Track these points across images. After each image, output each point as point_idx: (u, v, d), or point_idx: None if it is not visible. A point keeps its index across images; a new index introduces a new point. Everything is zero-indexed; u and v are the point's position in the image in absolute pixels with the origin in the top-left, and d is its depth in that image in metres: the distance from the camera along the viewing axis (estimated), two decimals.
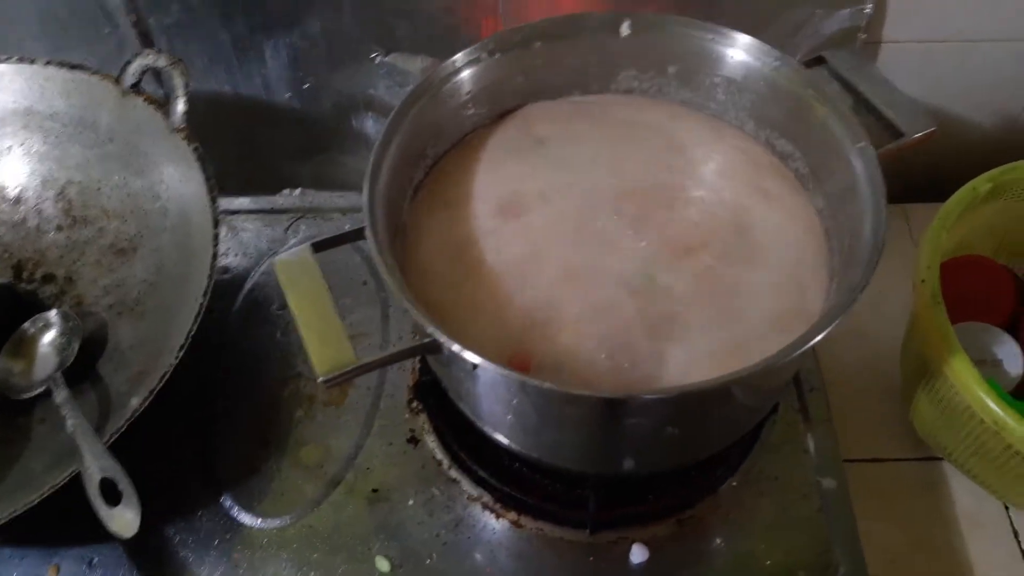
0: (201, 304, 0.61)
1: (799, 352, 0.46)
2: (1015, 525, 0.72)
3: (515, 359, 0.54)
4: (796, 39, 0.82)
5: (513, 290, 0.56)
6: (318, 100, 0.89)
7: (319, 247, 0.53)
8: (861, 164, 0.55)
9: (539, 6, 0.81)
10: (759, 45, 0.60)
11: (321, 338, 0.49)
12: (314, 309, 0.50)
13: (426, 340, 0.49)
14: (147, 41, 0.84)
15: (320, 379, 0.48)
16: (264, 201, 0.86)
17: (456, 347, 0.47)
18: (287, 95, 0.89)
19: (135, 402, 0.58)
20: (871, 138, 0.57)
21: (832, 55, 0.62)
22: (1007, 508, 0.73)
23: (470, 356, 0.47)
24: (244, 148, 0.94)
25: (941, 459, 0.75)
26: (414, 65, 0.86)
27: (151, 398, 0.58)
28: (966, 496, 0.74)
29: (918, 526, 0.72)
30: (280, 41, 0.84)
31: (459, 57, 0.61)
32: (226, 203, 0.86)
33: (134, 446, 0.60)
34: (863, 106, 0.60)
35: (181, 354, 0.60)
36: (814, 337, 0.46)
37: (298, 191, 0.94)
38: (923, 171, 0.90)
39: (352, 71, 0.87)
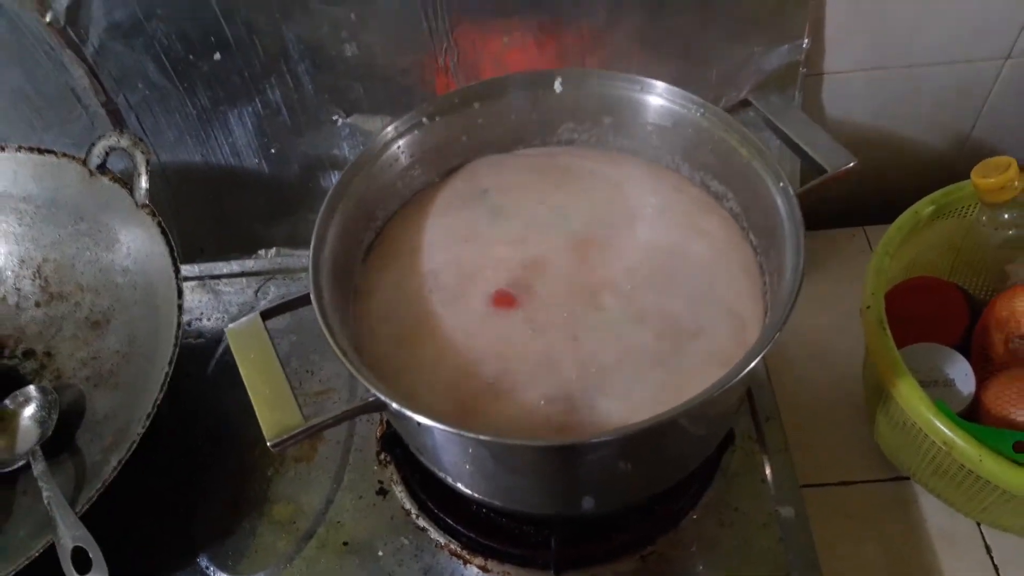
0: (167, 373, 0.64)
1: (718, 391, 0.48)
2: (987, 541, 0.73)
3: (465, 417, 0.56)
4: (739, 77, 0.85)
5: (458, 346, 0.58)
6: (286, 163, 0.93)
7: (267, 315, 0.56)
8: (783, 202, 0.57)
9: (490, 64, 0.84)
10: (681, 93, 0.63)
11: (269, 404, 0.51)
12: (262, 376, 0.53)
13: (370, 399, 0.51)
14: (117, 119, 0.87)
15: (268, 443, 0.50)
16: (238, 264, 0.89)
17: (395, 405, 0.49)
18: (256, 160, 0.92)
19: (106, 472, 0.60)
20: (798, 175, 0.59)
21: (757, 98, 0.64)
22: (979, 524, 0.73)
23: (409, 413, 0.49)
24: (219, 213, 0.98)
25: (909, 478, 0.76)
26: (374, 124, 0.89)
27: (120, 467, 0.61)
28: (937, 514, 0.74)
29: (892, 546, 0.73)
30: (244, 110, 0.88)
31: (396, 125, 0.64)
32: (205, 268, 0.89)
33: (112, 512, 0.62)
34: (788, 145, 0.62)
35: (148, 423, 0.62)
36: (731, 380, 0.48)
37: (272, 251, 0.98)
38: (882, 194, 0.92)
39: (316, 134, 0.90)
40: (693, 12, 0.79)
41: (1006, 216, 0.74)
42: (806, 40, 0.82)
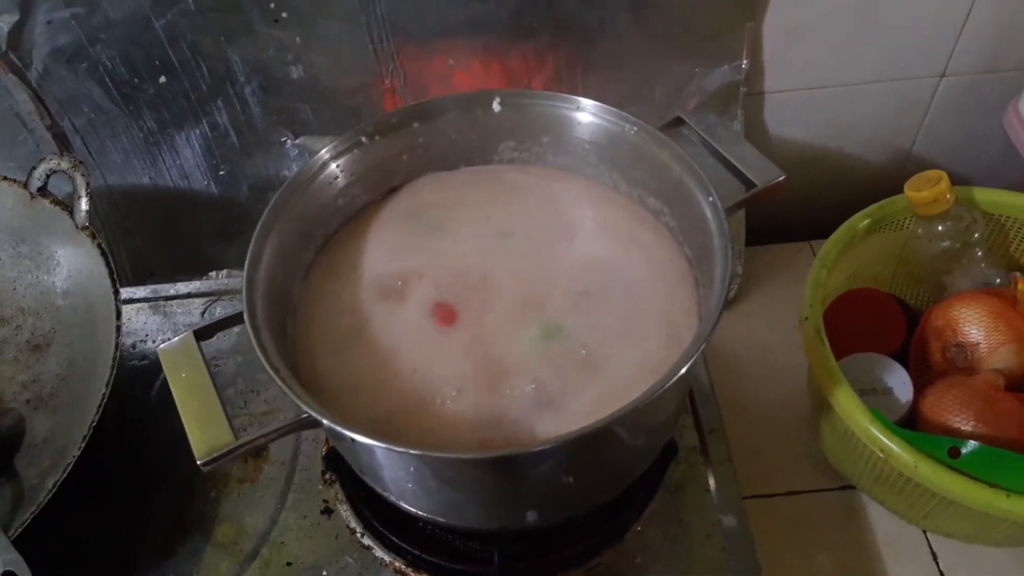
0: (104, 395, 0.63)
1: (649, 399, 0.48)
2: (933, 547, 0.74)
3: (398, 429, 0.56)
4: (683, 96, 0.87)
5: (396, 362, 0.59)
6: (235, 185, 0.93)
7: (201, 334, 0.55)
8: (712, 216, 0.58)
9: (436, 85, 0.85)
10: (614, 112, 0.64)
11: (200, 422, 0.51)
12: (194, 395, 0.52)
13: (303, 416, 0.51)
14: (63, 142, 0.87)
15: (198, 462, 0.50)
16: (185, 285, 0.89)
17: (327, 422, 0.49)
18: (205, 182, 0.93)
19: (41, 495, 0.60)
20: (728, 190, 0.61)
21: (690, 116, 0.66)
22: (924, 531, 0.74)
23: (341, 429, 0.49)
24: (169, 235, 0.97)
25: (855, 487, 0.77)
26: (323, 145, 0.89)
27: (55, 490, 0.60)
28: (883, 521, 0.76)
29: (839, 555, 0.74)
30: (191, 133, 0.88)
31: (334, 144, 0.64)
32: (153, 289, 0.88)
33: (52, 535, 0.62)
34: (719, 161, 0.64)
35: (84, 445, 0.61)
36: (661, 387, 0.49)
37: (224, 272, 0.97)
38: (828, 209, 0.94)
39: (264, 155, 0.90)
40: (632, 33, 0.81)
41: (940, 228, 0.76)
42: (745, 61, 0.84)
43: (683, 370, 0.49)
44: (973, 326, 0.73)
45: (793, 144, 0.96)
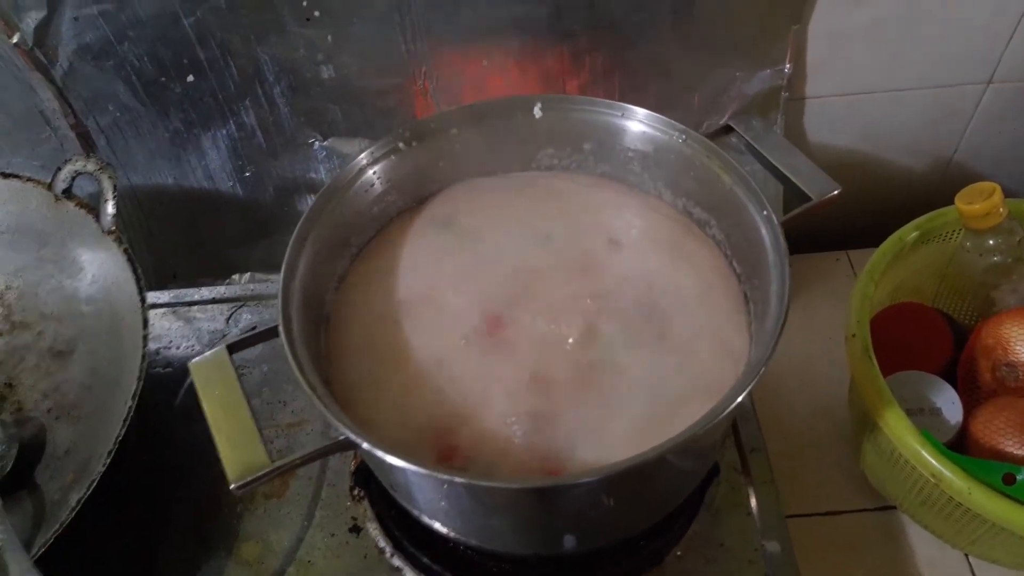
0: (130, 407, 0.61)
1: (704, 428, 0.46)
2: (975, 572, 0.71)
3: (441, 451, 0.54)
4: (722, 101, 0.84)
5: (433, 380, 0.57)
6: (261, 186, 0.91)
7: (234, 348, 0.53)
8: (767, 231, 0.56)
9: (469, 88, 0.83)
10: (662, 119, 0.61)
11: (233, 443, 0.49)
12: (227, 413, 0.50)
13: (340, 438, 0.49)
14: (87, 141, 0.85)
15: (232, 486, 0.48)
16: (209, 291, 0.87)
17: (366, 445, 0.47)
18: (230, 184, 0.91)
19: (64, 512, 0.58)
20: (780, 200, 0.58)
21: (738, 123, 0.63)
22: (967, 555, 0.72)
23: (381, 455, 0.47)
24: (192, 237, 0.95)
25: (896, 507, 0.74)
26: (352, 147, 0.88)
27: (79, 507, 0.58)
28: (925, 544, 0.73)
29: None
30: (218, 133, 0.86)
31: (372, 150, 0.62)
32: (176, 294, 0.87)
33: (73, 551, 0.60)
34: (770, 171, 0.61)
35: (109, 460, 0.59)
36: (718, 415, 0.46)
37: (247, 276, 0.96)
38: (864, 217, 0.92)
39: (291, 157, 0.88)
40: (674, 37, 0.78)
41: (991, 242, 0.73)
42: (788, 65, 0.81)
43: (741, 396, 0.46)
44: None
45: (832, 150, 0.94)
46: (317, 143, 0.87)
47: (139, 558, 0.68)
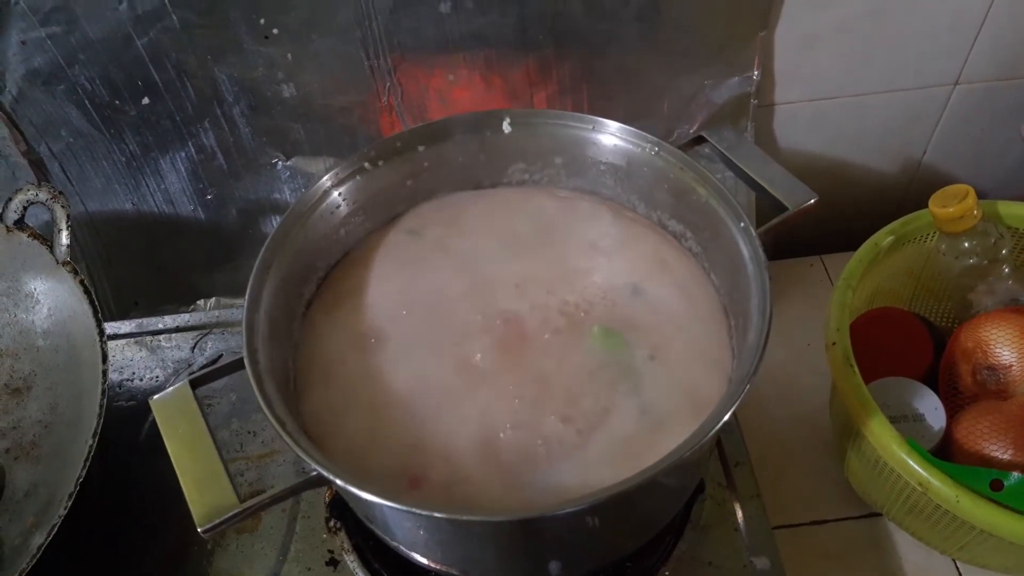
0: (91, 446, 0.58)
1: (691, 450, 0.44)
2: None
3: (414, 479, 0.52)
4: (691, 109, 0.84)
5: (406, 405, 0.55)
6: (223, 209, 0.88)
7: (197, 383, 0.51)
8: (745, 243, 0.54)
9: (435, 102, 0.81)
10: (634, 132, 0.60)
11: (199, 484, 0.47)
12: (192, 452, 0.48)
13: (312, 474, 0.47)
14: (39, 168, 0.82)
15: (199, 530, 0.45)
16: (173, 319, 0.84)
17: (340, 482, 0.45)
18: (191, 207, 0.88)
19: (25, 559, 0.55)
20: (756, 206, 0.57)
21: (711, 134, 0.62)
22: (955, 560, 0.71)
23: (356, 491, 0.45)
24: (153, 264, 0.93)
25: (882, 514, 0.74)
26: (317, 166, 0.86)
27: (40, 553, 0.55)
28: (913, 550, 0.72)
29: None
30: (176, 156, 0.83)
31: (336, 171, 0.60)
32: (139, 323, 0.84)
33: None
34: (745, 181, 0.60)
35: (70, 503, 0.57)
36: (705, 434, 0.45)
37: (212, 301, 0.93)
38: (836, 222, 0.92)
39: (254, 178, 0.86)
40: (641, 45, 0.78)
41: (965, 245, 0.73)
42: (756, 72, 0.81)
43: (728, 415, 0.45)
44: (1005, 347, 0.69)
45: (802, 155, 0.93)
46: (280, 163, 0.84)
47: None
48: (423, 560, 0.58)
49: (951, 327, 0.76)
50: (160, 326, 0.82)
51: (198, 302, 0.93)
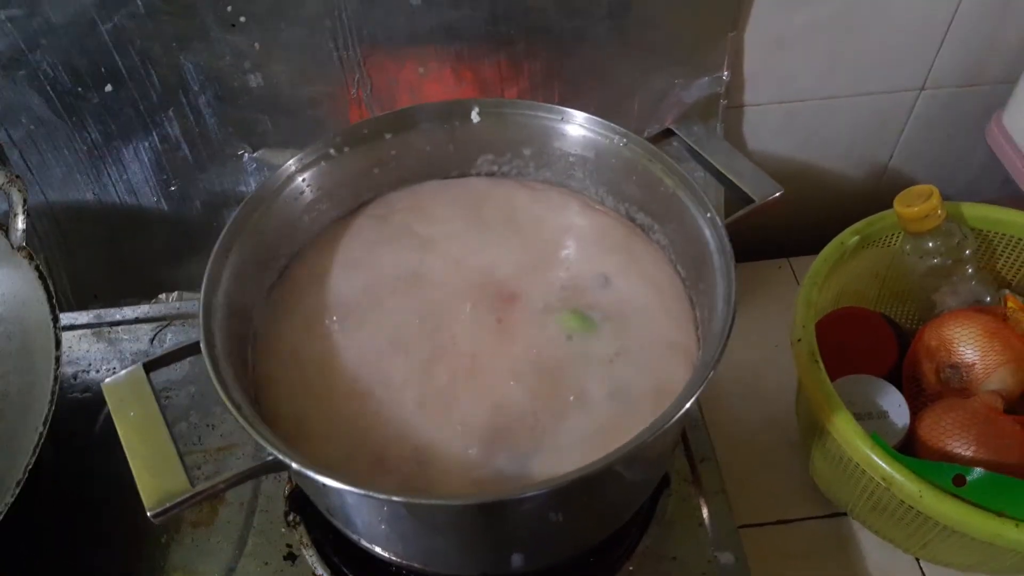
0: (41, 433, 0.57)
1: (654, 435, 0.44)
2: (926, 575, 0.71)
3: (374, 468, 0.51)
4: (661, 109, 0.84)
5: (370, 392, 0.54)
6: (187, 201, 0.87)
7: (151, 366, 0.50)
8: (711, 233, 0.54)
9: (405, 96, 0.81)
10: (602, 123, 0.60)
11: (150, 468, 0.45)
12: (143, 436, 0.47)
13: (268, 458, 0.46)
14: (1, 159, 0.80)
15: (149, 513, 0.44)
16: (132, 310, 0.82)
17: (295, 465, 0.44)
18: (154, 199, 0.86)
19: None
20: (724, 203, 0.57)
21: (680, 128, 0.62)
22: (918, 560, 0.72)
23: (312, 474, 0.44)
24: (114, 256, 0.91)
25: (847, 514, 0.74)
26: (284, 159, 0.83)
27: None
28: (876, 550, 0.73)
29: None
30: (140, 145, 0.82)
31: (300, 156, 0.59)
32: (97, 314, 0.82)
33: None
34: (713, 175, 0.60)
35: (18, 491, 0.55)
36: (669, 419, 0.44)
37: (175, 295, 0.91)
38: (804, 224, 0.92)
39: (220, 170, 0.85)
40: (611, 43, 0.78)
41: (930, 244, 0.74)
42: (726, 72, 0.81)
43: (692, 399, 0.45)
44: (968, 346, 0.70)
45: (771, 158, 0.94)
46: (247, 155, 0.83)
47: None
48: (384, 554, 0.56)
49: (915, 328, 0.77)
50: (118, 317, 0.80)
51: (160, 296, 0.91)
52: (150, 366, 0.50)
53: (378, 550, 0.56)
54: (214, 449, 0.70)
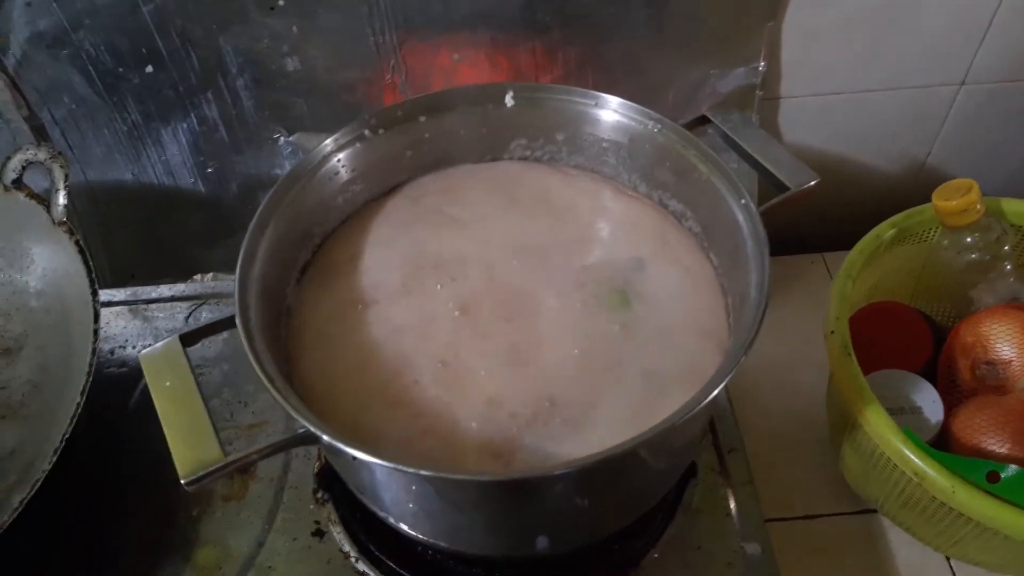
0: (78, 404, 0.58)
1: (684, 418, 0.44)
2: (956, 575, 0.70)
3: (408, 444, 0.51)
4: (696, 99, 0.83)
5: (400, 371, 0.54)
6: (224, 183, 0.88)
7: (188, 339, 0.51)
8: (745, 220, 0.54)
9: (440, 82, 0.81)
10: (637, 108, 0.60)
11: (185, 438, 0.46)
12: (178, 406, 0.47)
13: (299, 431, 0.46)
14: (41, 134, 0.82)
15: (182, 481, 0.45)
16: (169, 288, 0.83)
17: (327, 438, 0.44)
18: (191, 180, 0.87)
19: (6, 514, 0.54)
20: (758, 193, 0.57)
21: (715, 114, 0.62)
22: (948, 558, 0.70)
23: (342, 446, 0.44)
24: (152, 235, 0.92)
25: (876, 511, 0.73)
26: (318, 143, 0.84)
27: (22, 508, 0.54)
28: (905, 548, 0.72)
29: None
30: (178, 127, 0.83)
31: (336, 137, 0.60)
32: (133, 291, 0.83)
33: (17, 557, 0.56)
34: (748, 163, 0.60)
35: (55, 459, 0.56)
36: (699, 403, 0.44)
37: (209, 276, 0.92)
38: (838, 220, 0.91)
39: (256, 152, 0.85)
40: (648, 33, 0.77)
41: (968, 240, 0.73)
42: (762, 63, 0.80)
43: (723, 384, 0.44)
44: (1005, 343, 0.69)
45: (805, 151, 0.93)
46: (282, 138, 0.84)
47: (87, 566, 0.64)
48: (411, 532, 0.57)
49: (950, 324, 0.75)
50: (154, 295, 0.81)
51: (195, 277, 0.92)
52: (186, 339, 0.51)
53: (404, 528, 0.57)
54: (246, 426, 0.71)
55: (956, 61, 0.85)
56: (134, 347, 0.78)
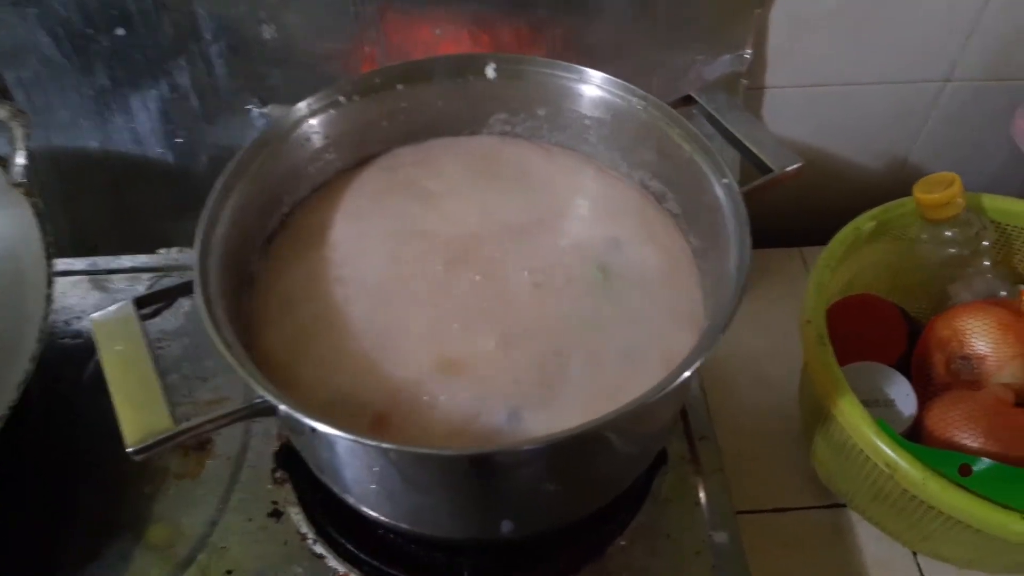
0: (27, 372, 0.55)
1: (657, 397, 0.42)
2: (923, 571, 0.70)
3: (369, 425, 0.49)
4: (681, 85, 0.82)
5: (366, 344, 0.52)
6: (193, 154, 0.85)
7: (142, 303, 0.48)
8: (726, 199, 0.53)
9: (420, 55, 0.79)
10: (621, 84, 0.58)
11: (134, 404, 0.44)
12: (128, 371, 0.45)
13: (256, 401, 0.44)
14: (4, 95, 0.79)
15: (128, 449, 0.43)
16: (130, 259, 0.81)
17: (284, 407, 0.42)
18: (160, 150, 0.85)
19: None
20: (740, 174, 0.55)
21: (700, 95, 0.61)
22: (915, 554, 0.70)
23: (300, 416, 0.42)
24: (117, 206, 0.89)
25: (845, 505, 0.72)
26: None
27: None
28: (873, 543, 0.71)
29: None
30: (148, 93, 0.80)
31: (310, 101, 0.58)
32: (92, 261, 0.80)
33: None
34: (732, 144, 0.59)
35: (1, 427, 0.53)
36: (673, 381, 0.43)
37: (175, 250, 0.89)
38: (818, 214, 0.90)
39: (227, 123, 0.83)
40: (634, 15, 0.76)
41: (947, 234, 0.72)
42: (748, 51, 0.79)
43: (698, 363, 0.43)
44: (981, 338, 0.68)
45: (788, 143, 0.91)
46: (256, 110, 0.82)
47: (34, 542, 0.62)
48: (372, 513, 0.55)
49: (926, 320, 0.75)
50: (115, 266, 0.79)
51: (160, 250, 0.89)
52: (141, 302, 0.48)
53: (365, 509, 0.55)
54: (204, 402, 0.68)
55: (942, 58, 0.85)
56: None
